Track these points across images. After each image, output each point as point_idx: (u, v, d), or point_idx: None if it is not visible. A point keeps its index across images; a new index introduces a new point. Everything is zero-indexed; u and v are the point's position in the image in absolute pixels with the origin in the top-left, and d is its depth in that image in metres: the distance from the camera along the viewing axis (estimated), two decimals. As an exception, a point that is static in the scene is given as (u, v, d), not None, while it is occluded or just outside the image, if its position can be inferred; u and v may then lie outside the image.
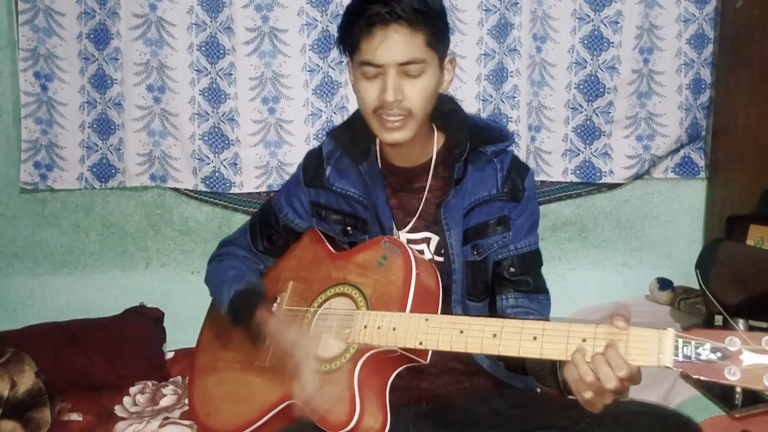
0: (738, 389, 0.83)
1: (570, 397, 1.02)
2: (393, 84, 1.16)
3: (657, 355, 0.87)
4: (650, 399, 1.62)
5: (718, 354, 0.83)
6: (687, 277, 2.10)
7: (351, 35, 1.17)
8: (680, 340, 0.85)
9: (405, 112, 1.18)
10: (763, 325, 1.62)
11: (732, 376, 0.82)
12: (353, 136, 1.32)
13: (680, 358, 0.85)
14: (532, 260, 1.29)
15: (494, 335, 1.00)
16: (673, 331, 0.87)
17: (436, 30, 1.18)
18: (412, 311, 1.13)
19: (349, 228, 1.34)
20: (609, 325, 0.92)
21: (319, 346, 1.18)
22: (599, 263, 2.33)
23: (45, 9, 2.00)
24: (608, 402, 0.93)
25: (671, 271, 2.25)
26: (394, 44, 1.14)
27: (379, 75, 1.17)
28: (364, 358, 1.14)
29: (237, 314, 1.35)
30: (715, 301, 0.98)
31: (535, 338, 0.96)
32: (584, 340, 0.93)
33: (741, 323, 0.86)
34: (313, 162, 1.40)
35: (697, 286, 1.96)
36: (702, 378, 0.84)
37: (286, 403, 1.23)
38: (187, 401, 1.78)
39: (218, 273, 1.45)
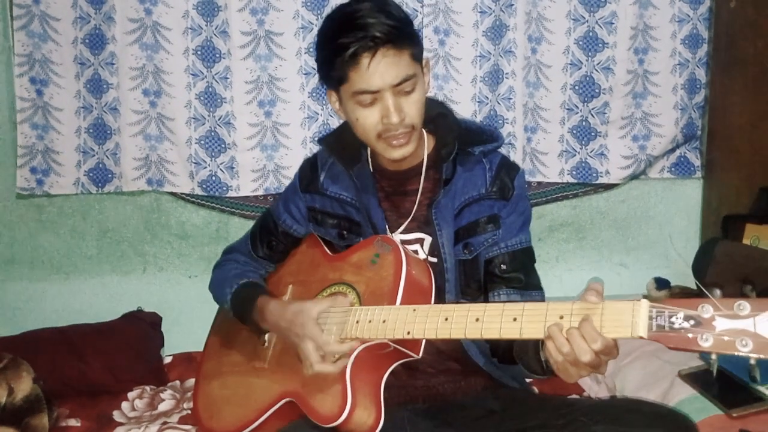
0: (713, 356, 0.83)
1: (561, 394, 1.02)
2: (394, 106, 1.17)
3: (631, 327, 0.87)
4: (649, 398, 1.62)
5: (692, 322, 0.83)
6: (684, 276, 2.11)
7: (336, 69, 1.18)
8: (654, 311, 0.86)
9: (409, 129, 1.21)
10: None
11: (705, 342, 0.82)
12: (344, 143, 1.34)
13: (654, 329, 0.85)
14: (524, 257, 1.31)
15: (477, 319, 1.02)
16: (646, 301, 0.87)
17: (414, 41, 1.20)
18: (402, 305, 1.15)
19: (344, 231, 1.36)
20: (584, 301, 0.94)
21: (318, 311, 1.20)
22: (596, 263, 2.34)
23: (40, 14, 2.00)
24: (585, 374, 0.95)
25: (668, 271, 2.26)
26: (385, 68, 1.15)
27: (376, 100, 1.18)
28: (356, 351, 1.15)
29: (238, 306, 1.37)
30: (708, 293, 0.97)
31: (515, 319, 0.98)
32: (561, 317, 0.95)
33: (717, 292, 0.86)
34: (308, 169, 1.44)
35: (693, 286, 1.97)
36: (677, 347, 0.84)
37: (282, 402, 1.25)
38: (185, 405, 1.79)
39: (221, 275, 1.48)
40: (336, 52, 1.16)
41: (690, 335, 0.83)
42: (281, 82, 2.08)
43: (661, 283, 2.19)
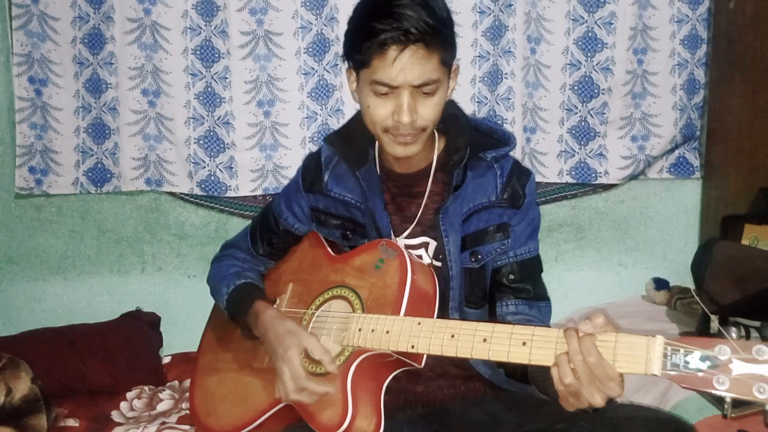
0: (728, 399, 0.81)
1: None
2: (408, 105, 1.14)
3: (645, 363, 0.85)
4: (647, 400, 1.62)
5: (708, 363, 0.81)
6: (683, 276, 2.11)
7: (361, 53, 1.14)
8: (669, 348, 0.84)
9: (418, 130, 1.18)
10: (755, 323, 1.62)
11: (721, 385, 0.80)
12: (350, 142, 1.31)
13: (669, 367, 0.83)
14: (532, 267, 1.28)
15: (484, 340, 1.00)
16: (661, 338, 0.85)
17: (449, 46, 1.16)
18: (406, 315, 1.13)
19: (348, 233, 1.34)
20: (596, 330, 0.91)
21: (307, 343, 1.17)
22: (595, 264, 2.33)
23: (39, 14, 2.00)
24: (582, 406, 0.93)
25: (667, 271, 2.26)
26: (410, 67, 1.11)
27: (392, 93, 1.15)
28: (358, 360, 1.14)
29: (234, 307, 1.36)
30: (703, 306, 0.96)
31: (524, 343, 0.96)
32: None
33: (734, 331, 0.84)
34: (311, 167, 1.40)
35: (692, 286, 1.97)
36: (691, 388, 0.82)
37: (281, 405, 1.24)
38: (184, 406, 1.79)
39: (219, 271, 1.46)
40: (365, 35, 1.12)
41: (705, 376, 0.81)
42: (280, 82, 2.08)
43: (660, 284, 2.20)
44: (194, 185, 2.11)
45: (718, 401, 1.48)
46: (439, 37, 1.12)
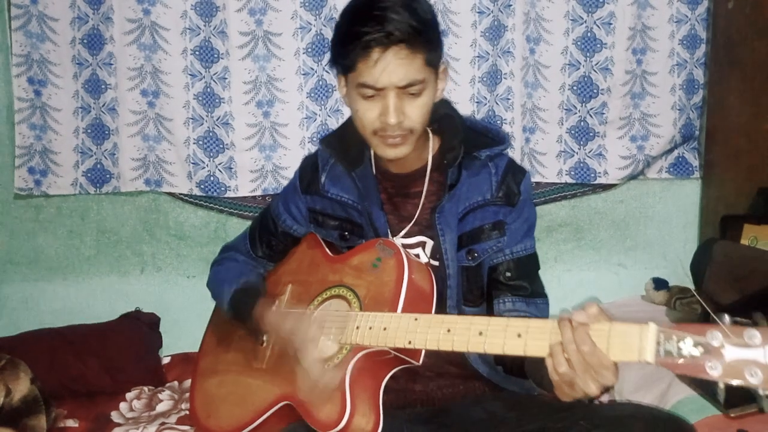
0: (721, 385, 0.81)
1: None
2: (394, 107, 1.15)
3: (638, 351, 0.85)
4: (646, 399, 1.62)
5: (700, 349, 0.81)
6: (682, 276, 2.11)
7: (346, 57, 1.15)
8: (662, 335, 0.84)
9: (406, 131, 1.18)
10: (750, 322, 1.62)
11: (713, 371, 0.80)
12: (346, 143, 1.32)
13: (662, 354, 0.83)
14: (529, 264, 1.29)
15: (480, 333, 1.00)
16: (654, 325, 0.85)
17: (433, 46, 1.16)
18: (404, 312, 1.13)
19: (346, 233, 1.35)
20: (590, 319, 0.92)
21: (319, 331, 1.18)
22: (594, 264, 2.33)
23: (38, 14, 2.00)
24: (578, 396, 0.93)
25: (666, 271, 2.26)
26: (394, 68, 1.12)
27: (378, 96, 1.15)
28: (356, 358, 1.14)
29: (237, 310, 1.37)
30: (704, 304, 0.96)
31: (519, 335, 0.96)
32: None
33: (726, 318, 0.84)
34: (308, 169, 1.41)
35: (692, 286, 1.97)
36: (684, 374, 0.82)
37: (280, 404, 1.25)
38: (183, 406, 1.79)
39: (219, 275, 1.47)
40: (350, 39, 1.13)
41: (698, 362, 0.81)
42: (279, 82, 2.08)
43: (660, 284, 2.19)
44: (193, 186, 2.11)
45: (713, 397, 1.49)
46: (422, 37, 1.13)
